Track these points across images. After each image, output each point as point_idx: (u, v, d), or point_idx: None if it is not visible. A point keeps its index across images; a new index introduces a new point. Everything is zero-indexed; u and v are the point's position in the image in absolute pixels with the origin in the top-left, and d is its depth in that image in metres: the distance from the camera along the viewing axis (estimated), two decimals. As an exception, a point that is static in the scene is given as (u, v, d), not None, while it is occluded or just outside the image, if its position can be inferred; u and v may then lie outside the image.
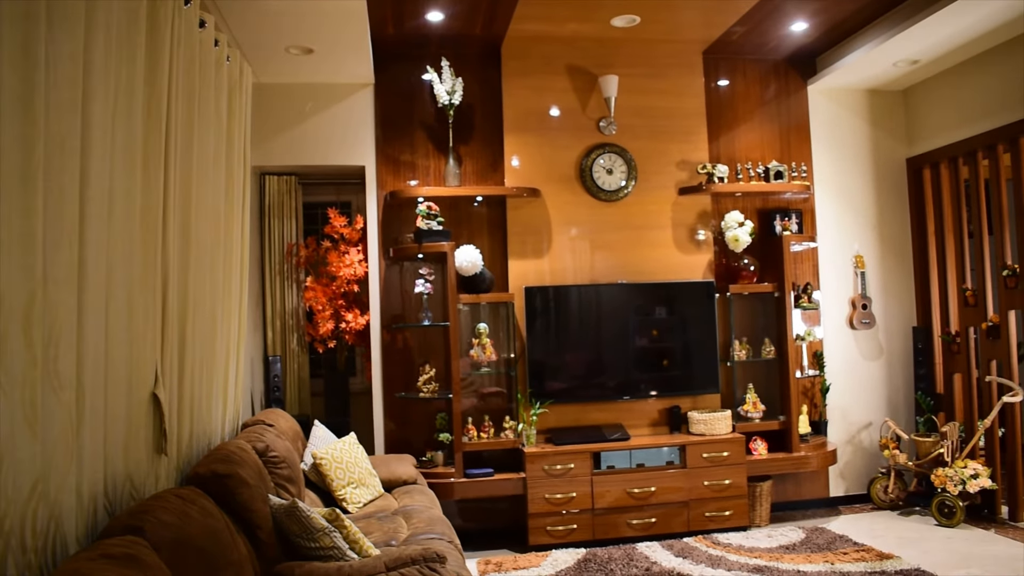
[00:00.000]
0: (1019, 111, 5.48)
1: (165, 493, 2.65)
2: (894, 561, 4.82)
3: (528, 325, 5.66)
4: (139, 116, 2.83)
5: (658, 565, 4.88)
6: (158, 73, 3.01)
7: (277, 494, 3.51)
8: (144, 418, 2.88)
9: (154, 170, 2.96)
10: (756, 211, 6.29)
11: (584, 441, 5.50)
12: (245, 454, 3.32)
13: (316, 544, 3.07)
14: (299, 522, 3.08)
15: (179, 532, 2.40)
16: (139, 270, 2.82)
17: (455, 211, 5.78)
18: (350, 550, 3.12)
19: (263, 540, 3.07)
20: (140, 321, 2.82)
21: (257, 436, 3.70)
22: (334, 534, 3.10)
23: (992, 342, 5.77)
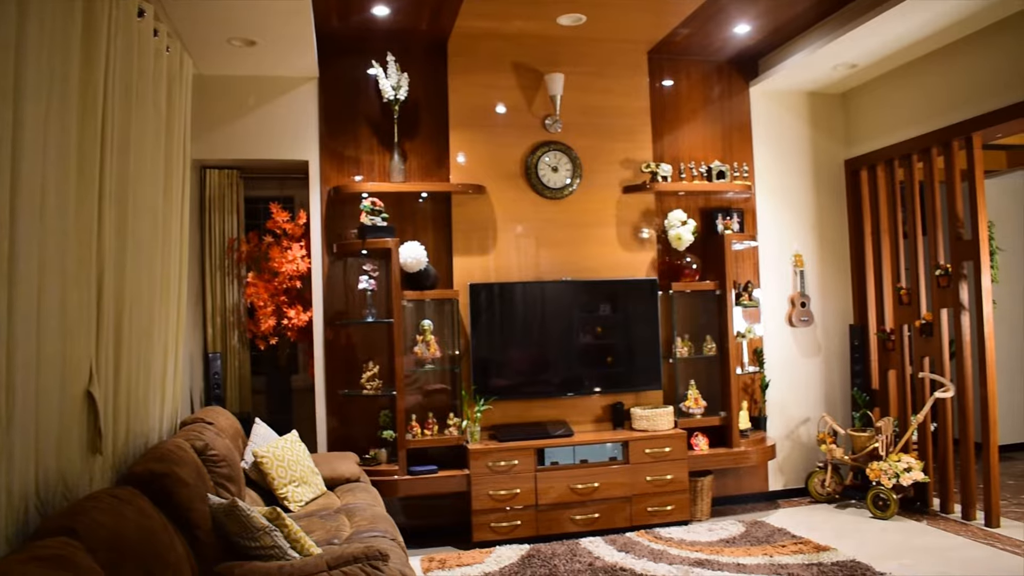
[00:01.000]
0: (952, 116, 5.64)
1: (100, 493, 2.59)
2: (831, 553, 4.92)
3: (473, 322, 5.65)
4: (74, 107, 2.76)
5: (601, 560, 4.92)
6: (94, 63, 2.93)
7: (217, 493, 3.46)
8: (78, 416, 2.81)
9: (89, 162, 2.89)
10: (699, 210, 6.37)
11: (528, 437, 5.52)
12: (183, 453, 3.26)
13: (257, 543, 3.03)
14: (239, 521, 3.04)
15: (114, 533, 2.35)
16: (73, 265, 2.75)
17: (400, 207, 5.75)
18: (291, 549, 3.08)
19: (202, 540, 3.02)
20: (74, 317, 2.75)
21: (196, 434, 3.63)
22: (275, 533, 3.06)
23: (925, 339, 5.93)
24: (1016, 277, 8.11)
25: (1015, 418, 8.00)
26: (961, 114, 5.55)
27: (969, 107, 5.49)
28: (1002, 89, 5.22)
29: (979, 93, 5.41)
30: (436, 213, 5.86)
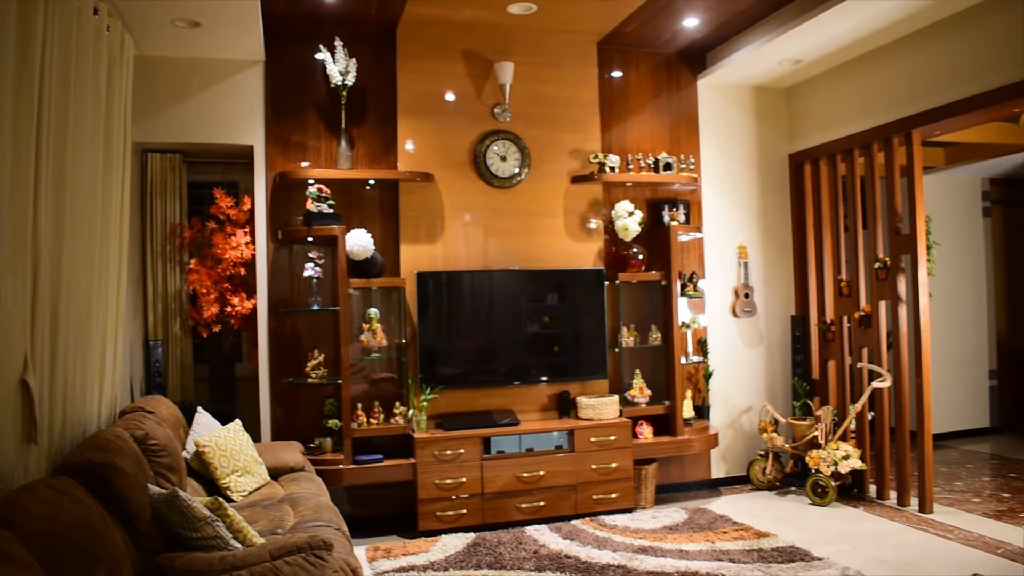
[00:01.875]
0: (893, 112, 5.76)
1: (36, 484, 2.53)
2: (771, 539, 5.03)
3: (420, 310, 5.63)
4: (7, 87, 2.67)
5: (546, 548, 4.96)
6: (30, 42, 2.84)
7: (157, 483, 3.40)
8: (12, 405, 2.73)
9: (25, 145, 2.81)
10: (646, 201, 6.42)
11: (474, 426, 5.52)
12: (123, 442, 3.19)
13: (198, 534, 2.98)
14: (180, 512, 2.99)
15: (51, 525, 2.30)
16: (7, 250, 2.67)
17: (347, 194, 5.69)
18: (234, 539, 3.05)
19: (142, 531, 2.97)
20: (8, 304, 2.67)
21: (136, 424, 3.56)
22: (217, 523, 3.02)
23: (864, 331, 6.07)
24: (951, 271, 8.34)
25: (949, 407, 8.24)
26: (901, 111, 5.68)
27: (909, 104, 5.61)
28: (941, 87, 5.34)
29: (919, 91, 5.54)
30: (384, 201, 5.81)
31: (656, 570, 4.50)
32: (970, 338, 8.52)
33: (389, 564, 4.71)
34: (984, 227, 8.67)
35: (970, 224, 8.59)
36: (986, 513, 5.55)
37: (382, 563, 4.74)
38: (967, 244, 8.54)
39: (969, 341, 8.51)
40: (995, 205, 8.78)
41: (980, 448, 7.90)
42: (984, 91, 5.02)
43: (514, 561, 4.71)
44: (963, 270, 8.49)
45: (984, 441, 8.23)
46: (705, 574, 4.41)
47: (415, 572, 4.56)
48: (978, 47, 5.09)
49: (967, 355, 8.48)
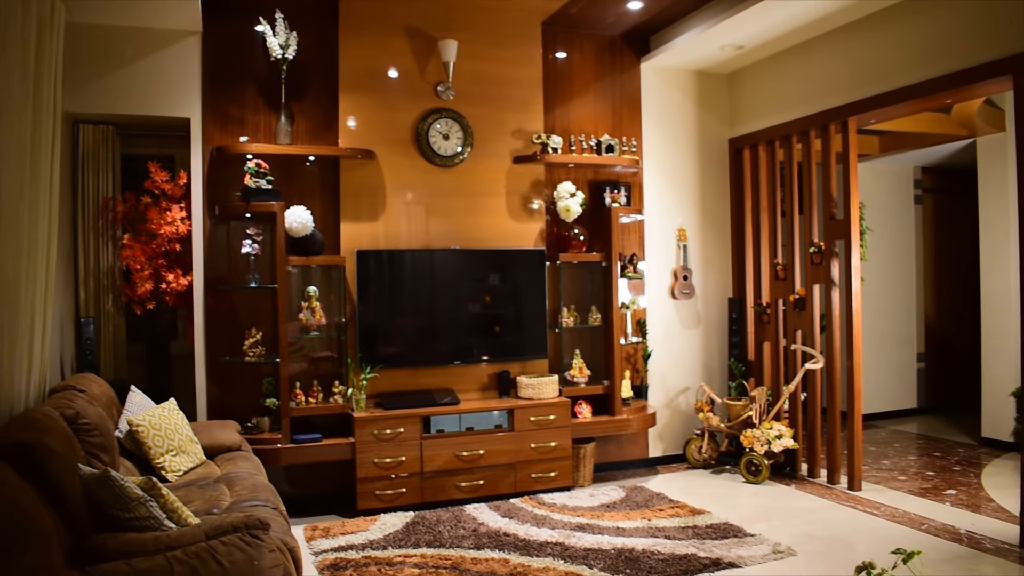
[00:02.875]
0: (830, 100, 5.87)
1: (-42, 464, 2.46)
2: (705, 516, 5.13)
3: (360, 289, 5.59)
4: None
5: (485, 526, 4.98)
6: (-48, 5, 2.73)
7: (89, 463, 3.32)
8: (-66, 382, 2.64)
9: (-53, 112, 2.70)
10: (587, 183, 6.45)
11: (414, 405, 5.51)
12: (52, 421, 3.11)
13: (131, 514, 2.93)
14: (112, 492, 2.93)
15: (-26, 504, 2.23)
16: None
17: (286, 170, 5.60)
18: (168, 519, 3.00)
19: (73, 513, 2.90)
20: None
21: (66, 402, 3.47)
22: (150, 503, 2.97)
23: (798, 313, 6.20)
24: (883, 256, 8.56)
25: (879, 389, 8.49)
26: (838, 99, 5.79)
27: (846, 93, 5.73)
28: (877, 77, 5.46)
29: (856, 80, 5.65)
30: (324, 177, 5.74)
31: (593, 547, 4.56)
32: (900, 322, 8.77)
33: (327, 543, 4.69)
34: (915, 214, 8.91)
35: (902, 211, 8.82)
36: (911, 491, 5.74)
37: (320, 542, 4.72)
38: (898, 231, 8.78)
39: (899, 324, 8.76)
40: (926, 193, 9.02)
41: (907, 428, 8.15)
42: (917, 82, 5.14)
43: (453, 539, 4.73)
44: (894, 256, 8.72)
45: (911, 421, 8.50)
46: (641, 551, 4.48)
47: (353, 551, 4.55)
48: (912, 39, 5.21)
49: (897, 338, 8.73)
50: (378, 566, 4.30)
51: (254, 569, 2.76)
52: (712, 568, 4.24)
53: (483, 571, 4.21)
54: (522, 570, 4.22)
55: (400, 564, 4.33)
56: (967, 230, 8.39)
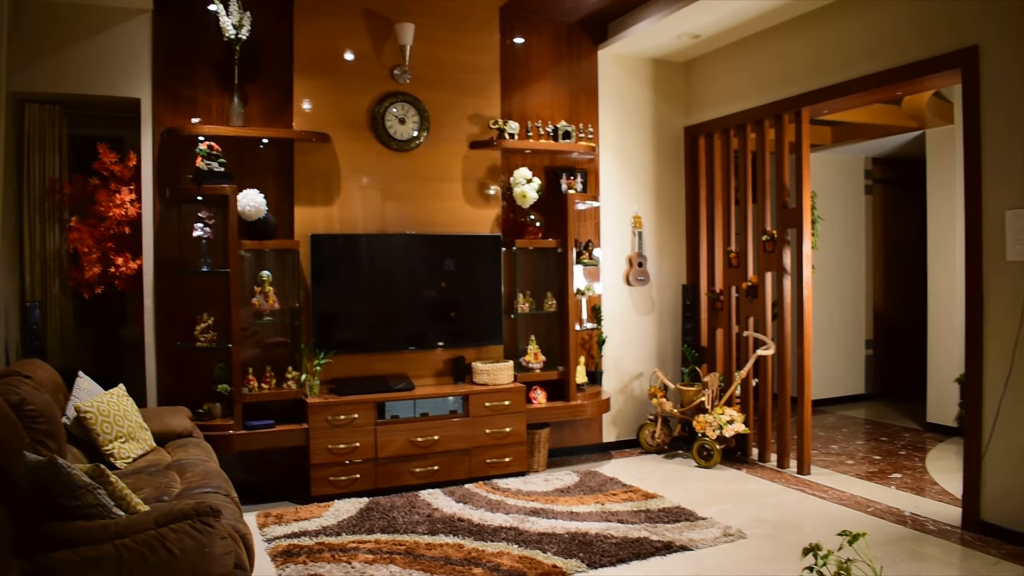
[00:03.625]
0: (784, 90, 5.93)
1: None
2: (658, 500, 5.19)
3: (314, 274, 5.54)
4: None
5: (440, 511, 4.99)
6: None
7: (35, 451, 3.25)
8: None
9: None
10: (544, 169, 6.45)
11: (369, 391, 5.49)
12: (-5, 407, 3.04)
13: (79, 502, 2.88)
14: (59, 480, 2.88)
15: (-87, 492, 2.17)
16: None
17: (239, 153, 5.52)
18: (116, 507, 2.95)
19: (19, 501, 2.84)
20: None
21: (11, 389, 3.39)
22: (98, 491, 2.92)
23: (751, 301, 6.28)
24: (834, 245, 8.71)
25: (828, 375, 8.64)
26: (793, 89, 5.85)
27: (800, 83, 5.79)
28: (831, 68, 5.53)
29: (810, 71, 5.71)
30: (278, 161, 5.66)
31: (547, 531, 4.59)
32: (849, 309, 8.93)
33: (280, 530, 4.66)
34: (865, 204, 9.07)
35: (852, 201, 8.97)
36: (859, 474, 5.87)
37: (273, 529, 4.68)
38: (849, 220, 8.92)
39: (848, 312, 8.92)
40: (876, 183, 9.18)
41: (855, 413, 8.32)
42: (869, 73, 5.22)
43: (407, 525, 4.73)
44: (844, 245, 8.87)
45: (859, 407, 8.68)
46: (594, 534, 4.52)
47: (307, 537, 4.52)
48: (865, 32, 5.28)
49: (846, 325, 8.90)
50: (331, 552, 4.28)
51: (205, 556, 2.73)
52: (664, 551, 4.29)
53: (437, 556, 4.22)
54: (476, 555, 4.23)
55: (354, 550, 4.32)
56: (915, 220, 8.56)
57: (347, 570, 4.02)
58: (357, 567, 4.06)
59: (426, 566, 4.08)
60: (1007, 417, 4.42)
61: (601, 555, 4.22)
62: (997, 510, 4.49)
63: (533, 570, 4.02)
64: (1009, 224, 4.36)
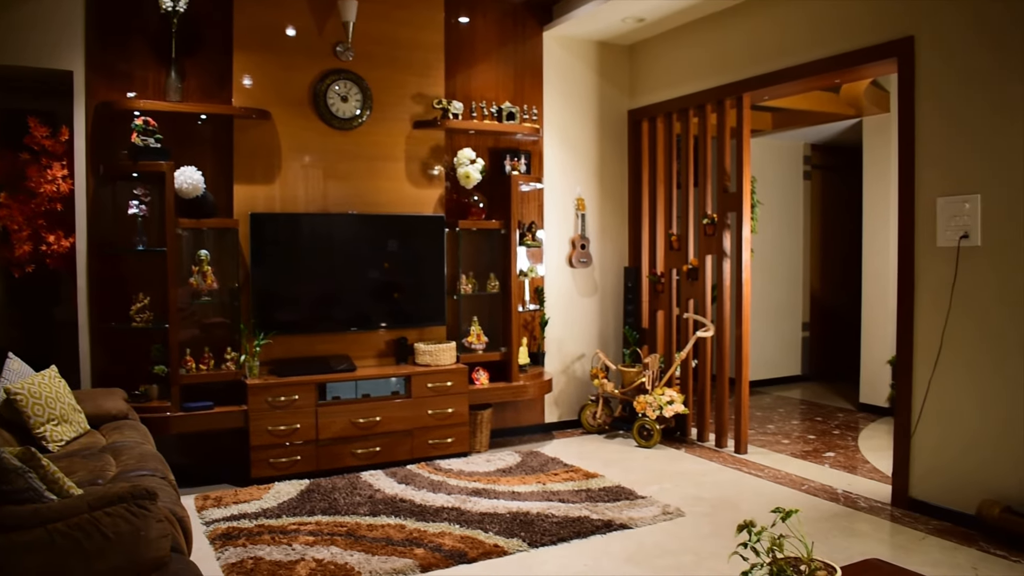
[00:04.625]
0: (726, 76, 5.99)
1: None
2: (599, 479, 5.25)
3: (254, 253, 5.45)
4: None
5: (382, 492, 4.98)
6: None
7: (-40, 432, 3.17)
8: None
9: None
10: (488, 150, 6.44)
11: (310, 372, 5.44)
12: (-81, 388, 2.94)
13: (9, 487, 2.80)
14: (-14, 462, 2.80)
15: None
16: None
17: (176, 129, 5.39)
18: (48, 491, 2.88)
19: (-58, 483, 2.76)
20: None
21: (-65, 368, 3.29)
22: (29, 475, 2.84)
23: (691, 283, 6.37)
24: (772, 229, 8.86)
25: (765, 356, 8.81)
26: (734, 75, 5.92)
27: (742, 69, 5.86)
28: (772, 55, 5.60)
29: (752, 57, 5.78)
30: (216, 137, 5.55)
31: (489, 511, 4.61)
32: (786, 292, 9.11)
33: (219, 512, 4.60)
34: (804, 189, 9.24)
35: (791, 186, 9.13)
36: (794, 453, 6.01)
37: (212, 512, 4.62)
38: (788, 205, 9.09)
39: (785, 295, 9.10)
40: (814, 169, 9.36)
41: (792, 394, 8.51)
42: (809, 61, 5.30)
43: (349, 506, 4.71)
44: (783, 229, 9.03)
45: (795, 388, 8.88)
46: (536, 514, 4.56)
47: (246, 520, 4.48)
48: (806, 20, 5.35)
49: (783, 308, 9.08)
50: (272, 534, 4.25)
51: (140, 540, 2.68)
52: (604, 529, 4.35)
53: (379, 537, 4.22)
54: (418, 535, 4.24)
55: (294, 532, 4.29)
56: (851, 206, 8.74)
57: (287, 552, 4.00)
58: (298, 549, 4.04)
59: (367, 547, 4.07)
60: (935, 398, 4.56)
61: (542, 534, 4.25)
62: (925, 487, 4.64)
63: (475, 549, 4.04)
64: (940, 211, 4.49)
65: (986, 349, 4.31)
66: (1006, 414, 4.21)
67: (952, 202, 4.42)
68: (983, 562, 3.90)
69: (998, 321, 4.24)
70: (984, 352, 4.32)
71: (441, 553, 4.00)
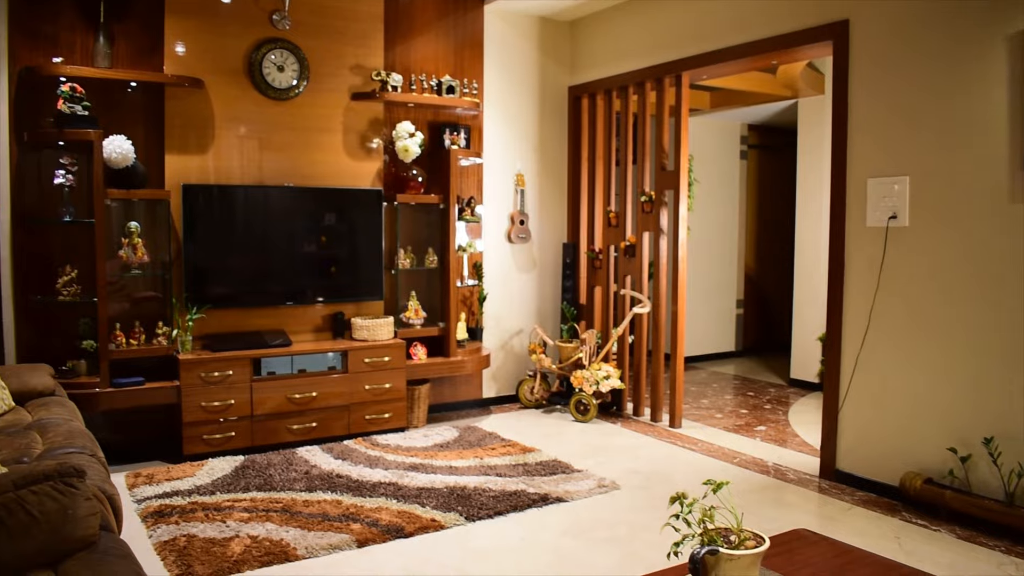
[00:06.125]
0: (666, 54, 6.03)
1: None
2: (535, 453, 5.29)
3: (187, 225, 5.33)
4: None
5: (318, 468, 4.95)
6: None
7: None
8: None
9: None
10: (427, 123, 6.38)
11: (244, 347, 5.36)
12: None
13: (-74, 463, 2.72)
14: (-97, 439, 2.70)
15: None
16: None
17: (105, 96, 5.22)
18: (-31, 468, 2.80)
19: None
20: None
21: None
22: (-52, 451, 2.76)
23: (628, 260, 6.43)
24: (709, 207, 8.98)
25: (700, 332, 8.96)
26: (674, 54, 5.95)
27: (681, 48, 5.89)
28: (711, 34, 5.64)
29: (691, 36, 5.82)
30: (148, 106, 5.39)
31: (426, 486, 4.62)
32: (722, 270, 9.26)
33: (151, 490, 4.52)
34: (740, 169, 9.38)
35: (728, 165, 9.26)
36: (726, 427, 6.13)
37: (144, 489, 4.54)
38: (724, 184, 9.21)
39: (721, 273, 9.25)
40: (751, 149, 9.50)
41: (725, 369, 8.67)
42: (747, 41, 5.36)
43: (284, 482, 4.67)
44: (719, 207, 9.16)
45: (729, 363, 9.05)
46: (473, 488, 4.58)
47: (179, 497, 4.41)
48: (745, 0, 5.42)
49: (718, 285, 9.23)
50: (205, 511, 4.19)
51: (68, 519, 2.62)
52: (540, 503, 4.39)
53: (315, 513, 4.19)
54: (354, 511, 4.22)
55: (229, 509, 4.24)
56: (786, 186, 8.91)
57: (222, 529, 3.95)
58: (232, 526, 3.99)
59: (303, 523, 4.05)
60: (863, 373, 4.70)
61: (479, 508, 4.28)
62: (851, 459, 4.79)
63: (411, 524, 4.05)
64: (871, 192, 4.60)
65: (911, 327, 4.44)
66: (929, 390, 4.36)
67: (882, 183, 4.53)
68: (905, 531, 4.04)
69: (923, 300, 4.37)
70: (909, 330, 4.45)
71: (378, 528, 4.00)
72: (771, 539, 2.23)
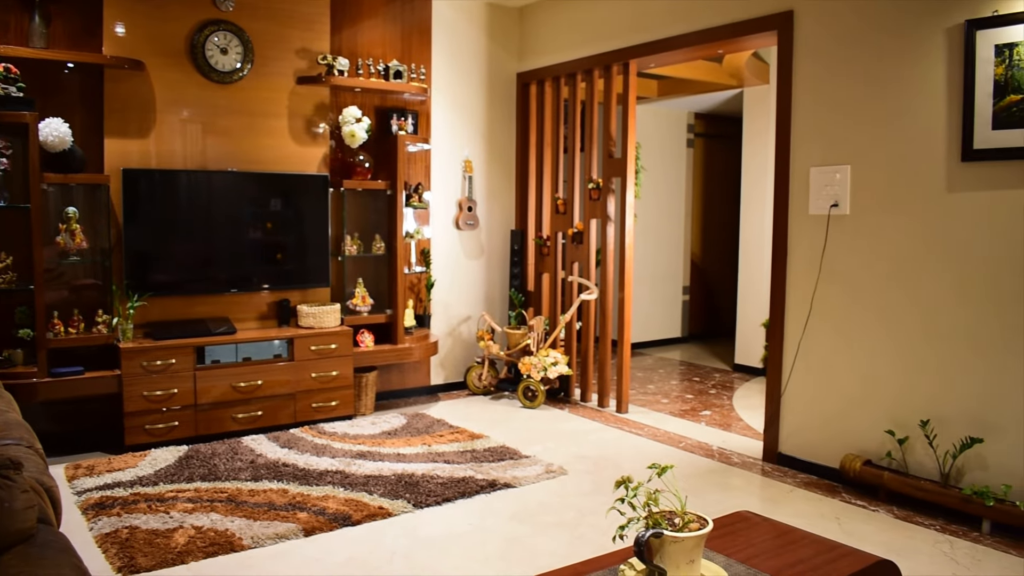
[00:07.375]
0: (614, 42, 6.05)
1: None
2: (483, 440, 5.30)
3: (127, 211, 5.21)
4: None
5: (264, 457, 4.90)
6: None
7: None
8: None
9: None
10: (374, 108, 6.32)
11: (187, 335, 5.27)
12: None
13: None
14: None
15: None
16: None
17: (41, 78, 5.07)
18: (-101, 461, 2.72)
19: None
20: None
21: None
22: None
23: (576, 247, 6.46)
24: (656, 195, 9.05)
25: (647, 319, 9.05)
26: (621, 41, 5.98)
27: (628, 36, 5.92)
28: (658, 23, 5.68)
29: (639, 24, 5.85)
30: (86, 88, 5.25)
31: (374, 474, 4.60)
32: (668, 257, 9.35)
33: (92, 482, 4.43)
34: (687, 157, 9.46)
35: (675, 153, 9.34)
36: (672, 412, 6.22)
37: (84, 481, 4.45)
38: (671, 171, 9.30)
39: (667, 260, 9.34)
40: (697, 137, 9.59)
41: (672, 355, 8.78)
42: (693, 31, 5.40)
43: (229, 472, 4.61)
44: (666, 195, 9.25)
45: (675, 349, 9.16)
46: (421, 475, 4.57)
47: (121, 488, 4.33)
48: (689, -15, 5.45)
49: (665, 272, 9.32)
50: (148, 503, 4.12)
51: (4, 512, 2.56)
52: (488, 489, 4.40)
53: (261, 502, 4.15)
54: (301, 499, 4.19)
55: (172, 499, 4.17)
56: (732, 174, 9.02)
57: (165, 520, 3.89)
58: (176, 516, 3.93)
59: (249, 512, 4.01)
60: (804, 358, 4.79)
61: (427, 495, 4.28)
62: (793, 443, 4.89)
63: (359, 512, 4.03)
64: (813, 180, 4.68)
65: (851, 313, 4.54)
66: (868, 374, 4.47)
67: (824, 172, 4.62)
68: (845, 512, 4.14)
69: (863, 286, 4.48)
70: (849, 316, 4.56)
71: (325, 516, 3.97)
72: (715, 521, 2.27)
